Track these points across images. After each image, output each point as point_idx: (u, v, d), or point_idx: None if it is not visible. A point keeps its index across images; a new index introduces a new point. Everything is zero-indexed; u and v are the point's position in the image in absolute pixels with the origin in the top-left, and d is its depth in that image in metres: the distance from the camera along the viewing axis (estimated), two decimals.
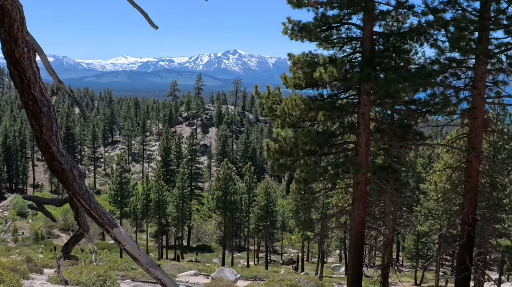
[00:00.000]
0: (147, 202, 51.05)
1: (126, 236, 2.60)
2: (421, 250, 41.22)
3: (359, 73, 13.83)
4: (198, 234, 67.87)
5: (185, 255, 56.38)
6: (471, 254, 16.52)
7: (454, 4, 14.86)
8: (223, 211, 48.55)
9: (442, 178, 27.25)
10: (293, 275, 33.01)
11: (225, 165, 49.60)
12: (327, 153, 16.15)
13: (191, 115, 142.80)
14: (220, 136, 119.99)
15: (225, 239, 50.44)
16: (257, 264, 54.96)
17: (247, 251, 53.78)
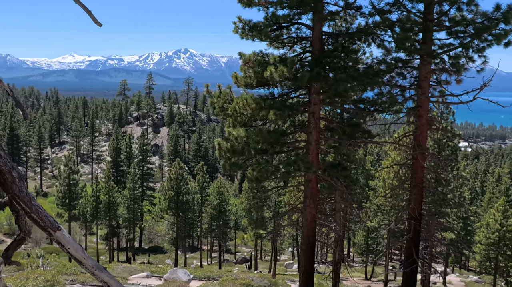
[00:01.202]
0: (97, 204, 49.84)
1: (70, 239, 2.52)
2: (371, 245, 42.28)
3: (309, 73, 14.01)
4: (150, 235, 66.94)
5: (137, 257, 55.45)
6: (418, 248, 17.07)
7: (400, 5, 15.29)
8: (175, 212, 48.07)
9: (390, 175, 28.03)
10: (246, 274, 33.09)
11: (177, 165, 49.12)
12: (279, 152, 16.28)
13: (141, 114, 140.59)
14: (172, 136, 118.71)
15: (178, 239, 49.96)
16: (210, 264, 54.78)
17: (200, 251, 53.52)
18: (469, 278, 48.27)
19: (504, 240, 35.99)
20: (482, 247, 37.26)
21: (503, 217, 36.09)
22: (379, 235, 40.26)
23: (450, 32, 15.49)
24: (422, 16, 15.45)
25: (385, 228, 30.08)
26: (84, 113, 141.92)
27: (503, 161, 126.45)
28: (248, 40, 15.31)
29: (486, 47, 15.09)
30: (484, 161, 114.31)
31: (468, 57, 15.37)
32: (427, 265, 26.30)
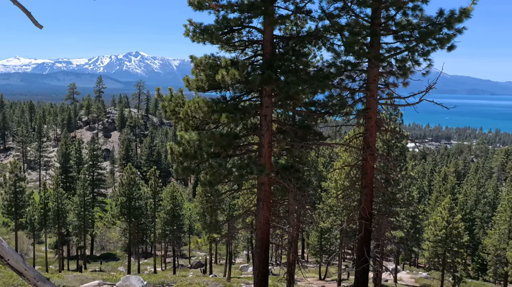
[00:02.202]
0: (45, 212, 48.23)
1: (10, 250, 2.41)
2: (324, 245, 42.87)
3: (260, 76, 14.07)
4: (102, 242, 65.45)
5: (88, 265, 54.03)
6: (369, 247, 17.44)
7: (348, 10, 15.61)
8: (127, 217, 47.15)
9: (341, 176, 28.53)
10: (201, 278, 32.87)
11: (129, 169, 48.24)
12: (232, 155, 16.25)
13: (91, 119, 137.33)
14: (123, 140, 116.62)
15: (131, 246, 49.03)
16: (164, 269, 54.08)
17: (154, 257, 52.73)
18: (418, 275, 49.76)
19: (451, 237, 37.30)
20: (430, 244, 38.47)
21: (449, 214, 37.42)
22: (332, 235, 40.90)
23: (397, 36, 15.93)
24: (369, 21, 15.81)
25: (338, 228, 30.58)
26: (30, 118, 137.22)
27: (448, 160, 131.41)
28: (200, 43, 15.22)
29: (431, 51, 15.62)
30: (431, 161, 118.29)
31: (414, 60, 15.85)
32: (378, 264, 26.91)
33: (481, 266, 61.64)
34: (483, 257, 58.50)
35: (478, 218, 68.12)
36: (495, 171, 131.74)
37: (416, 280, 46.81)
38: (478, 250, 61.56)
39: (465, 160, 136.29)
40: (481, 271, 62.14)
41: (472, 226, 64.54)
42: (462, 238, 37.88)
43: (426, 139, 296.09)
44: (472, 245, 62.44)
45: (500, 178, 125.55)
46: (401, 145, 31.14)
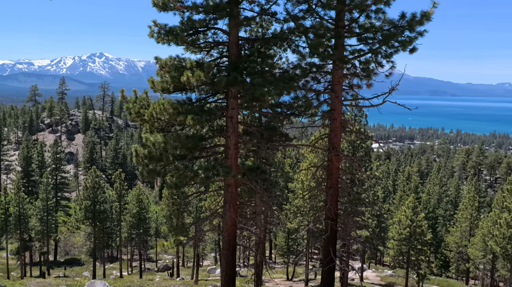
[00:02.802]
0: (6, 217, 46.82)
1: None
2: (291, 246, 43.09)
3: (226, 77, 14.06)
4: (66, 247, 64.01)
5: (52, 271, 52.75)
6: (335, 246, 17.63)
7: (313, 12, 15.77)
8: (92, 221, 46.28)
9: (308, 177, 28.74)
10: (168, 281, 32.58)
11: (93, 173, 47.37)
12: (198, 157, 16.17)
13: (54, 121, 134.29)
14: (88, 143, 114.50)
15: (96, 250, 48.14)
16: (131, 273, 53.32)
17: (120, 261, 51.92)
18: (384, 273, 50.61)
19: (415, 235, 38.08)
20: (395, 242, 39.18)
21: (413, 213, 38.19)
22: (299, 236, 41.15)
23: (361, 38, 16.19)
24: (334, 23, 16.02)
25: (305, 228, 30.78)
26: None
27: (412, 160, 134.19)
28: (165, 45, 15.10)
29: (394, 53, 15.95)
30: (395, 161, 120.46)
31: (377, 62, 16.15)
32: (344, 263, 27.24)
33: (444, 263, 63.19)
34: (446, 254, 60.01)
35: (440, 216, 69.82)
36: (456, 170, 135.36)
37: (381, 278, 47.59)
38: (441, 247, 63.11)
39: (428, 159, 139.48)
40: (444, 268, 63.69)
41: (435, 224, 66.10)
42: (425, 236, 38.70)
43: (390, 139, 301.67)
44: (435, 243, 63.94)
45: (461, 177, 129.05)
46: (366, 146, 31.58)
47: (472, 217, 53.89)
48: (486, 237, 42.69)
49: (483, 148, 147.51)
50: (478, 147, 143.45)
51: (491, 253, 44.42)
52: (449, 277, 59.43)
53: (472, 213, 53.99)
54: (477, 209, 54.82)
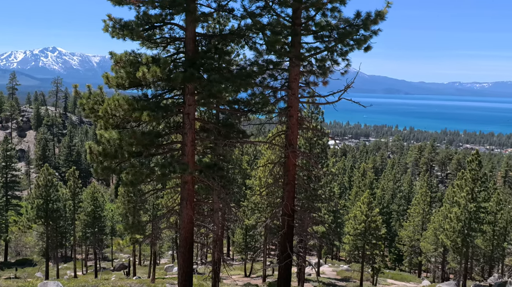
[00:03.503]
0: None
1: None
2: (249, 243, 43.22)
3: (182, 73, 13.91)
4: (18, 247, 61.94)
5: (2, 272, 50.92)
6: (292, 242, 17.78)
7: (270, 9, 15.81)
8: (45, 221, 44.97)
9: (265, 173, 28.89)
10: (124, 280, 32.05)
11: (46, 170, 46.02)
12: (154, 154, 15.95)
13: (4, 117, 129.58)
14: (40, 140, 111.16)
15: (49, 250, 46.80)
16: (85, 273, 52.19)
17: (74, 260, 50.72)
18: (340, 267, 51.54)
19: (369, 230, 38.93)
20: (350, 237, 39.94)
21: (368, 208, 39.03)
22: (256, 232, 41.30)
23: (317, 36, 16.35)
24: (290, 20, 16.11)
25: (262, 225, 30.94)
26: None
27: (367, 157, 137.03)
28: (120, 40, 14.81)
29: (349, 51, 16.20)
30: (351, 157, 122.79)
31: (333, 60, 16.36)
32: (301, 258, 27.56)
33: (398, 257, 64.96)
34: (399, 248, 61.69)
35: (394, 211, 71.68)
36: (409, 166, 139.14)
37: (337, 272, 48.45)
38: (395, 241, 64.82)
39: (382, 156, 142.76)
40: (397, 261, 65.47)
41: (389, 219, 67.82)
42: (380, 231, 39.63)
43: (346, 136, 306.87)
44: (389, 237, 65.61)
45: (414, 173, 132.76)
46: (323, 143, 32.04)
47: (424, 211, 55.60)
48: (437, 231, 44.14)
49: (434, 145, 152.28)
50: (430, 144, 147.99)
51: (442, 247, 45.98)
52: (402, 270, 61.12)
53: (424, 208, 55.70)
54: (429, 204, 56.61)
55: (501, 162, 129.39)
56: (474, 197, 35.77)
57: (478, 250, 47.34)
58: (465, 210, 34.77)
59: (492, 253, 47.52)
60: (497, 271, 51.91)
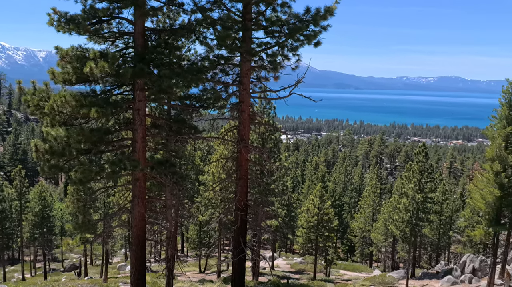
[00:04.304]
0: None
1: None
2: (203, 238, 43.08)
3: (131, 69, 13.66)
4: None
5: None
6: (245, 237, 17.85)
7: (220, 4, 15.75)
8: None
9: (218, 169, 28.81)
10: (75, 281, 31.31)
11: None
12: (104, 151, 15.60)
13: None
14: None
15: None
16: (34, 275, 50.58)
17: (22, 262, 48.98)
18: (294, 260, 52.17)
19: (322, 223, 39.57)
20: (303, 230, 40.47)
21: (320, 201, 39.64)
22: (210, 228, 41.25)
23: (267, 31, 16.43)
24: (241, 16, 16.11)
25: (216, 220, 30.90)
26: None
27: (319, 151, 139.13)
28: (66, 34, 14.38)
29: (299, 46, 16.36)
30: (303, 151, 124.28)
31: (284, 55, 16.49)
32: (255, 253, 27.73)
33: (350, 248, 66.43)
34: (351, 240, 63.10)
35: (346, 204, 73.16)
36: (360, 159, 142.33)
37: (291, 265, 49.03)
38: (347, 233, 66.25)
39: (334, 150, 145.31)
40: (349, 252, 66.95)
41: (341, 211, 69.20)
42: (332, 223, 40.36)
43: (299, 131, 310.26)
44: (341, 229, 66.96)
45: (365, 165, 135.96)
46: (275, 137, 32.25)
47: (374, 203, 57.08)
48: (387, 221, 45.39)
49: (384, 138, 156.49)
50: (379, 137, 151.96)
51: (392, 237, 47.36)
52: (354, 261, 62.54)
53: (374, 199, 57.18)
54: (379, 195, 58.15)
55: (446, 153, 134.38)
56: (421, 188, 36.94)
57: (426, 239, 49.11)
58: (413, 200, 35.87)
59: (438, 241, 49.37)
60: (444, 258, 54.04)
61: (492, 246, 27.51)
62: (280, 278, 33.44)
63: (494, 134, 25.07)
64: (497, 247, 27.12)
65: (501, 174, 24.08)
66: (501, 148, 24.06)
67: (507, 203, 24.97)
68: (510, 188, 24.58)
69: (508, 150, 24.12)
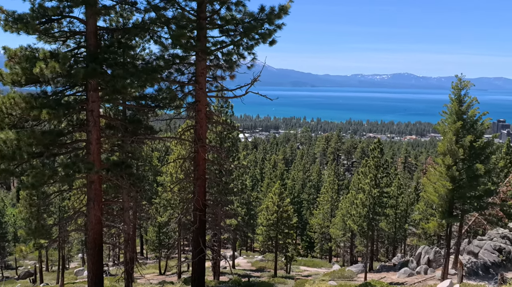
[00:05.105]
0: None
1: None
2: (163, 240, 42.63)
3: (84, 69, 13.36)
4: None
5: None
6: (204, 237, 17.78)
7: (174, 2, 15.59)
8: None
9: (176, 169, 28.60)
10: None
11: None
12: (57, 154, 15.21)
13: None
14: None
15: None
16: None
17: None
18: (254, 258, 52.36)
19: (282, 220, 39.85)
20: (263, 228, 40.65)
21: (279, 199, 39.90)
22: (170, 229, 40.84)
23: (222, 30, 16.38)
24: (196, 14, 16.01)
25: (175, 221, 30.66)
26: None
27: (277, 149, 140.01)
28: (14, 33, 13.93)
29: (254, 45, 16.39)
30: (262, 150, 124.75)
31: (239, 54, 16.48)
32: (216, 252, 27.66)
33: (309, 244, 67.23)
34: (311, 236, 63.88)
35: (305, 201, 73.99)
36: (318, 156, 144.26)
37: (252, 263, 49.18)
38: (306, 229, 67.00)
39: (292, 147, 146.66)
40: (309, 248, 67.76)
41: (300, 208, 69.92)
42: (291, 220, 40.70)
43: (257, 129, 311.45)
44: (300, 226, 67.67)
45: (322, 162, 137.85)
46: (233, 136, 32.25)
47: (332, 199, 57.98)
48: (345, 217, 46.20)
49: (340, 135, 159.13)
50: (336, 134, 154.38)
51: (350, 231, 48.24)
52: (314, 257, 63.36)
53: (332, 195, 58.08)
54: (336, 191, 59.11)
55: (401, 149, 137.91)
56: (377, 183, 37.79)
57: (383, 233, 50.33)
58: (370, 195, 36.65)
59: (395, 234, 50.63)
60: (400, 251, 55.44)
61: (446, 237, 28.45)
62: (241, 277, 33.48)
63: (445, 129, 25.92)
64: (450, 238, 28.07)
65: (452, 167, 24.91)
66: (452, 142, 24.88)
67: (459, 195, 25.87)
68: (461, 181, 25.48)
69: (458, 144, 24.96)
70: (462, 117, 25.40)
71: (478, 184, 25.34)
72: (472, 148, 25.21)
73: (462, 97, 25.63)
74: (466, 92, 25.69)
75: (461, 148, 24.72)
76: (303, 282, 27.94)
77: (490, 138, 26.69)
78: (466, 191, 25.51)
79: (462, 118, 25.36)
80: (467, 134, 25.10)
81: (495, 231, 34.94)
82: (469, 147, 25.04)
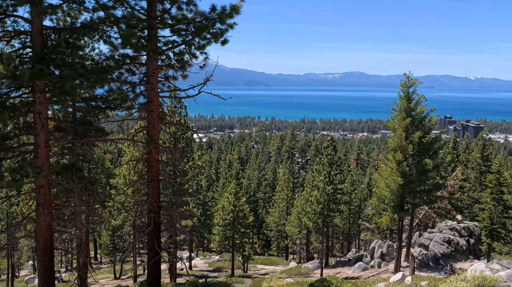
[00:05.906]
0: None
1: None
2: (117, 244, 41.84)
3: (30, 70, 12.92)
4: None
5: None
6: (159, 239, 17.56)
7: (123, 2, 15.29)
8: None
9: (130, 171, 28.10)
10: None
11: None
12: (3, 158, 14.68)
13: None
14: None
15: None
16: None
17: None
18: (211, 259, 52.19)
19: (238, 219, 39.90)
20: (220, 228, 40.57)
21: (235, 198, 39.93)
22: (124, 232, 40.11)
23: (174, 30, 16.20)
24: (146, 14, 15.77)
25: (129, 224, 30.15)
26: None
27: (233, 148, 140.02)
28: None
29: (206, 44, 16.30)
30: (217, 149, 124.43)
31: (191, 53, 16.35)
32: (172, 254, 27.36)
33: (266, 243, 67.60)
34: (267, 234, 64.26)
35: (261, 199, 74.31)
36: (273, 155, 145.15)
37: (209, 264, 49.00)
38: (263, 228, 67.35)
39: (247, 147, 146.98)
40: (266, 247, 68.13)
41: (256, 207, 70.18)
42: (247, 219, 40.81)
43: (212, 129, 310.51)
44: (257, 225, 67.95)
45: (277, 161, 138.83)
46: (187, 137, 32.01)
47: (288, 197, 58.50)
48: (300, 214, 46.71)
49: (294, 133, 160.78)
50: (290, 132, 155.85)
51: (305, 229, 48.80)
52: (271, 255, 63.76)
53: (287, 193, 58.60)
54: (292, 189, 59.69)
55: (354, 146, 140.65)
56: (331, 180, 38.39)
57: (337, 229, 51.18)
58: (324, 192, 37.18)
59: (349, 230, 51.62)
60: (355, 246, 56.61)
61: (398, 231, 29.25)
62: (198, 278, 33.29)
63: (395, 126, 26.65)
64: (402, 232, 28.88)
65: (402, 163, 25.64)
66: (401, 138, 25.61)
67: (409, 190, 26.65)
68: (411, 176, 26.26)
69: (408, 140, 25.71)
70: (411, 114, 26.19)
71: (427, 179, 26.20)
72: (421, 143, 26.03)
73: (410, 94, 26.42)
74: (414, 89, 26.51)
75: (410, 144, 25.47)
76: (261, 281, 28.08)
77: (437, 134, 27.65)
78: (416, 185, 26.32)
79: (411, 115, 26.14)
80: (416, 130, 25.90)
81: (444, 224, 36.24)
82: (418, 143, 25.85)
